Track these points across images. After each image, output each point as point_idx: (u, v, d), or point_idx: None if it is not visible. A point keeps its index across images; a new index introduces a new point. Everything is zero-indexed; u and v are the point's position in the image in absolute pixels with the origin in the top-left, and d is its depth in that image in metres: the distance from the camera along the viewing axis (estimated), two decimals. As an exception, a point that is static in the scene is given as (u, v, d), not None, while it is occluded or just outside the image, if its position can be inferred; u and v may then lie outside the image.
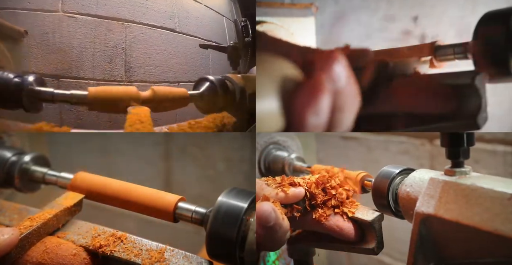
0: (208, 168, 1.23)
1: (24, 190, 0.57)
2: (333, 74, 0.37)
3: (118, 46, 1.22)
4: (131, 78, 1.24)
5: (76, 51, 1.13)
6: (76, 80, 1.12)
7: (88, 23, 1.17)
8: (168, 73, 1.37)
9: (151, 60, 1.31)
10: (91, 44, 1.16)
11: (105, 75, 1.18)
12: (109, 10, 1.21)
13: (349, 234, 0.53)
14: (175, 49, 1.41)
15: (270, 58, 0.41)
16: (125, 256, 0.44)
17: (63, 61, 1.11)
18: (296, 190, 0.51)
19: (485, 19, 0.50)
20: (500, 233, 0.39)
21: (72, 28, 1.13)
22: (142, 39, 1.29)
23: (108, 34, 1.20)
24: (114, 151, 1.34)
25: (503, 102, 1.06)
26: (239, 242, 0.42)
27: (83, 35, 1.15)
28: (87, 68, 1.15)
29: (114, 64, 1.21)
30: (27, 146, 0.68)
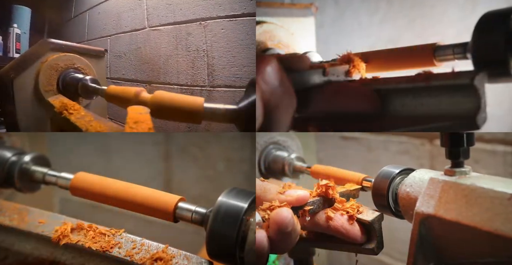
0: (208, 168, 1.23)
1: (24, 190, 0.57)
2: (266, 76, 0.42)
3: (199, 48, 1.14)
4: (215, 83, 1.11)
5: (163, 60, 1.21)
6: (163, 85, 1.21)
7: (170, 32, 1.22)
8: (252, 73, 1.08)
9: (235, 59, 1.08)
10: (175, 51, 1.20)
11: (188, 80, 1.17)
12: (185, 13, 1.18)
13: (355, 235, 0.53)
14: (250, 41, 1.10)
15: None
16: (125, 256, 0.44)
17: (153, 69, 1.23)
18: (302, 193, 0.52)
19: (485, 19, 0.50)
20: (500, 233, 0.39)
21: (158, 39, 1.24)
22: (223, 35, 1.09)
23: (188, 38, 1.18)
24: (114, 151, 1.34)
25: (503, 102, 1.06)
26: (239, 242, 0.42)
27: (167, 44, 1.21)
28: (173, 74, 1.20)
29: (197, 68, 1.15)
30: (27, 146, 0.68)
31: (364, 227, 0.56)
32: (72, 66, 1.06)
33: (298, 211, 0.52)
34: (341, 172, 0.68)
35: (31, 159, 0.56)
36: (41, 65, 1.00)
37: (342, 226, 0.53)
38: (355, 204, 0.56)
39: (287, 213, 0.46)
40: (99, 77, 1.07)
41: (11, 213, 0.51)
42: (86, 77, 1.00)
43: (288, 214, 0.46)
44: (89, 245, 0.45)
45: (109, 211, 0.65)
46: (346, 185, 0.61)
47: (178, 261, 0.43)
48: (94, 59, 1.12)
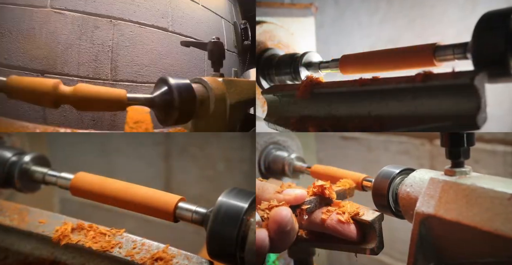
0: (208, 168, 1.23)
1: (24, 190, 0.57)
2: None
3: (105, 43, 1.19)
4: (117, 77, 1.20)
5: (62, 47, 1.11)
6: (60, 76, 1.10)
7: (76, 20, 1.15)
8: (158, 73, 1.32)
9: (139, 59, 1.27)
10: (77, 41, 1.14)
11: (89, 73, 1.15)
12: (97, 7, 1.19)
13: (351, 234, 0.54)
14: (167, 49, 1.36)
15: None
16: (125, 255, 0.44)
17: (48, 56, 1.09)
18: (300, 192, 0.53)
19: (484, 19, 0.50)
20: (500, 233, 0.39)
21: (59, 24, 1.12)
22: (131, 37, 1.25)
23: (95, 31, 1.17)
24: (114, 151, 1.34)
25: (503, 102, 1.06)
26: (239, 242, 0.42)
27: (69, 32, 1.13)
28: (72, 64, 1.13)
29: (100, 62, 1.17)
30: (27, 146, 0.68)
31: (363, 227, 0.56)
32: None
33: (296, 210, 0.52)
34: (341, 172, 0.68)
35: (31, 159, 0.56)
36: None
37: (338, 225, 0.54)
38: (350, 203, 0.57)
39: (286, 212, 0.47)
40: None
41: (11, 213, 0.51)
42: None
43: (287, 213, 0.47)
44: (89, 245, 0.45)
45: (110, 211, 0.65)
46: (341, 182, 0.62)
47: (178, 261, 0.43)
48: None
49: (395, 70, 0.66)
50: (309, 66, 0.81)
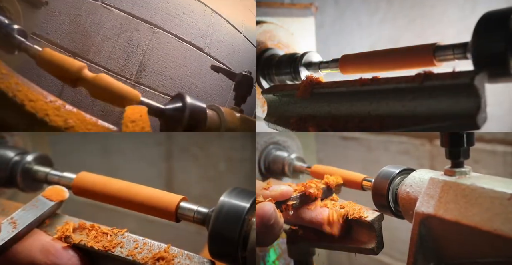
0: (209, 168, 1.23)
1: (27, 189, 0.57)
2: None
3: (140, 46, 1.25)
4: (140, 80, 1.25)
5: (100, 39, 1.19)
6: (89, 63, 1.18)
7: (120, 18, 1.22)
8: (179, 89, 1.35)
9: (167, 70, 1.31)
10: (115, 37, 1.21)
11: (116, 68, 1.21)
12: (143, 12, 1.25)
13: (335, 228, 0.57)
14: (196, 69, 1.39)
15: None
16: (127, 255, 0.44)
17: (85, 43, 1.18)
18: (285, 188, 0.55)
19: (485, 19, 0.50)
20: (500, 233, 0.39)
21: (104, 18, 1.20)
22: (166, 47, 1.30)
23: (135, 33, 1.24)
24: (116, 151, 1.35)
25: (503, 102, 1.06)
26: (241, 242, 0.42)
27: (111, 27, 1.20)
28: (104, 56, 1.20)
29: (129, 61, 1.23)
30: (29, 145, 0.68)
31: (364, 227, 0.56)
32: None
33: (282, 206, 0.55)
34: (341, 172, 0.68)
35: (33, 158, 0.56)
36: None
37: (322, 219, 0.57)
38: (351, 203, 0.59)
39: (269, 206, 0.50)
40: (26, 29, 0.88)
41: (13, 213, 0.51)
42: (12, 24, 0.75)
43: (270, 208, 0.49)
44: (91, 245, 0.45)
45: (111, 210, 0.65)
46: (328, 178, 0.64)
47: (180, 261, 0.43)
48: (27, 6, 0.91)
49: (395, 70, 0.66)
50: (309, 66, 0.81)
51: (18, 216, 0.47)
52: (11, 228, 0.45)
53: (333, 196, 0.64)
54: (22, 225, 0.45)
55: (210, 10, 1.47)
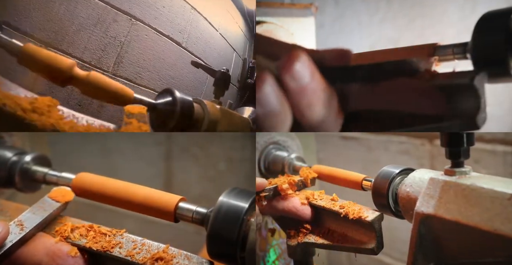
0: (209, 168, 1.23)
1: (25, 190, 0.57)
2: (294, 73, 0.38)
3: (117, 38, 1.20)
4: (118, 72, 1.21)
5: (74, 28, 1.10)
6: (63, 54, 1.08)
7: (98, 7, 1.16)
8: (156, 81, 1.34)
9: (145, 62, 1.29)
10: (92, 27, 1.14)
11: (93, 60, 1.14)
12: (123, 3, 1.21)
13: (305, 214, 0.64)
14: (173, 62, 1.39)
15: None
16: (126, 256, 0.44)
17: (57, 32, 1.08)
18: (260, 180, 0.61)
19: (484, 19, 0.50)
20: (500, 233, 0.39)
21: (81, 6, 1.12)
22: (144, 40, 1.28)
23: (112, 24, 1.19)
24: (115, 151, 1.35)
25: (503, 102, 1.06)
26: (240, 242, 0.42)
27: (87, 16, 1.13)
28: (79, 47, 1.12)
29: (106, 53, 1.18)
30: (28, 146, 0.68)
31: (363, 226, 0.56)
32: None
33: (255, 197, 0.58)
34: (341, 172, 0.68)
35: (32, 159, 0.56)
36: None
37: (294, 207, 0.63)
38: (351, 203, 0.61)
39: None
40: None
41: (12, 213, 0.51)
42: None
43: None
44: (89, 245, 0.45)
45: (110, 211, 0.65)
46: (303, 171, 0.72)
47: (178, 261, 0.43)
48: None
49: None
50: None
51: (25, 218, 0.46)
52: (18, 230, 0.44)
53: (334, 196, 0.64)
54: (29, 227, 0.45)
55: (189, 7, 1.47)
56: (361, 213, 0.57)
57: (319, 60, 0.44)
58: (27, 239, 0.45)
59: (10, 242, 0.43)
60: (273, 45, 0.49)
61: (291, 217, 0.65)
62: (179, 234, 1.11)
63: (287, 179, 0.68)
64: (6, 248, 0.42)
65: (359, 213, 0.57)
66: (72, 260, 0.44)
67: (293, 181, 0.67)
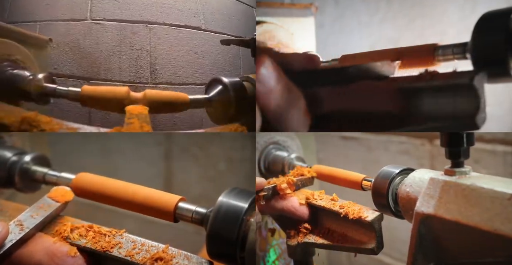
0: (208, 168, 1.23)
1: (25, 190, 0.57)
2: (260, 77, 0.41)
3: (143, 48, 1.25)
4: (156, 80, 1.25)
5: (104, 55, 1.20)
6: (104, 82, 1.19)
7: (114, 28, 1.23)
8: (195, 74, 1.35)
9: (176, 61, 1.31)
10: (118, 48, 1.22)
11: (131, 77, 1.22)
12: (133, 14, 1.25)
13: (303, 214, 0.64)
14: (202, 48, 1.39)
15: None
16: (125, 256, 0.44)
17: (92, 64, 1.19)
18: (258, 180, 0.62)
19: (484, 19, 0.50)
20: (500, 233, 0.39)
21: (100, 33, 1.21)
22: (167, 40, 1.30)
23: (133, 37, 1.24)
24: (115, 151, 1.34)
25: (503, 102, 1.06)
26: (239, 242, 0.42)
27: (110, 40, 1.21)
28: (115, 70, 1.21)
29: (140, 66, 1.24)
30: (27, 146, 0.68)
31: (363, 226, 0.56)
32: (8, 58, 0.76)
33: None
34: (341, 172, 0.68)
35: (31, 159, 0.56)
36: None
37: (292, 206, 0.64)
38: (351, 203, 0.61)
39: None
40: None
41: (12, 213, 0.51)
42: (37, 74, 0.73)
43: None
44: (89, 245, 0.45)
45: (110, 211, 0.65)
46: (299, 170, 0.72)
47: (178, 261, 0.43)
48: (34, 49, 0.89)
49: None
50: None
51: (24, 217, 0.46)
52: (18, 230, 0.44)
53: (334, 196, 0.64)
54: (29, 227, 0.45)
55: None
56: (361, 213, 0.57)
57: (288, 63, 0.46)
58: (27, 239, 0.45)
59: (10, 242, 0.43)
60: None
61: (289, 217, 0.65)
62: (178, 234, 1.11)
63: (285, 178, 0.68)
64: (5, 248, 0.42)
65: (359, 213, 0.57)
66: (71, 260, 0.44)
67: (292, 181, 0.67)
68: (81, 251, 0.45)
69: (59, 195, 0.50)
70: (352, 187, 0.65)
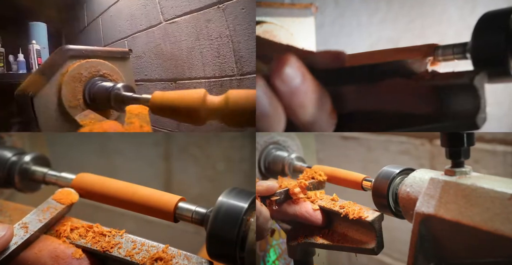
0: (208, 168, 1.23)
1: (25, 190, 0.57)
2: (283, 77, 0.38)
3: (222, 34, 1.03)
4: (243, 70, 1.00)
5: (185, 53, 1.13)
6: (189, 81, 1.13)
7: (187, 22, 1.11)
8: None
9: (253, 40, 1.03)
10: (197, 42, 1.10)
11: (215, 72, 1.06)
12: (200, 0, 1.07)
13: (317, 219, 0.61)
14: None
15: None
16: (125, 256, 0.44)
17: (177, 64, 1.15)
18: (270, 184, 0.58)
19: (484, 19, 0.50)
20: (500, 233, 0.39)
21: (177, 32, 1.15)
22: (245, 16, 0.97)
23: (209, 25, 1.05)
24: (114, 151, 1.34)
25: (503, 102, 1.06)
26: (239, 242, 0.42)
27: (187, 35, 1.12)
28: (198, 67, 1.11)
29: (223, 56, 1.04)
30: (27, 146, 0.68)
31: (363, 226, 0.56)
32: (97, 74, 0.90)
33: (266, 200, 0.57)
34: (341, 172, 0.68)
35: (31, 159, 0.56)
36: (61, 77, 0.85)
37: (306, 212, 0.61)
38: (351, 203, 0.60)
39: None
40: (127, 82, 0.94)
41: (11, 213, 0.51)
42: (117, 84, 0.83)
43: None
44: (88, 246, 0.45)
45: (110, 211, 0.65)
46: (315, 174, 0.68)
47: (178, 261, 0.43)
48: (118, 62, 0.99)
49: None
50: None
51: (29, 220, 0.46)
52: (23, 233, 0.44)
53: (334, 196, 0.64)
54: (33, 229, 0.45)
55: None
56: (361, 213, 0.57)
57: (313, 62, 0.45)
58: (32, 242, 0.45)
59: (14, 244, 0.43)
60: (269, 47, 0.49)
61: (301, 222, 0.63)
62: (178, 234, 1.11)
63: (298, 182, 0.65)
64: (10, 251, 0.42)
65: (359, 213, 0.57)
66: (76, 262, 0.44)
67: (305, 185, 0.64)
68: (87, 253, 0.45)
69: (64, 197, 0.50)
70: (352, 187, 0.65)
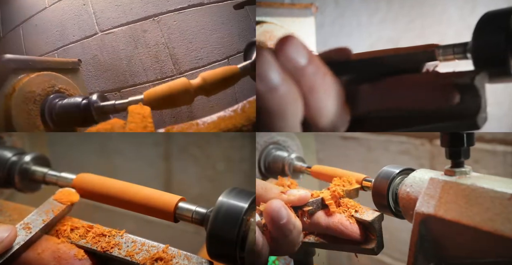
0: (208, 168, 1.23)
1: (25, 190, 0.57)
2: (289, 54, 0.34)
3: (158, 42, 1.24)
4: (181, 69, 1.25)
5: (125, 62, 1.22)
6: (134, 88, 1.21)
7: (126, 32, 1.23)
8: (214, 51, 1.32)
9: (192, 44, 1.29)
10: (135, 50, 1.23)
11: (157, 75, 1.22)
12: (136, 13, 1.25)
13: (354, 234, 0.54)
14: (212, 23, 1.34)
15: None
16: (125, 256, 0.44)
17: (117, 74, 1.21)
18: (303, 193, 0.52)
19: (485, 19, 0.50)
20: (500, 233, 0.39)
21: (114, 42, 1.23)
22: (177, 26, 1.28)
23: (145, 35, 1.24)
24: (114, 151, 1.34)
25: (503, 102, 1.06)
26: (239, 242, 0.42)
27: (125, 45, 1.23)
28: (140, 73, 1.23)
29: (161, 61, 1.24)
30: (27, 146, 0.68)
31: (364, 227, 0.56)
32: (52, 90, 0.74)
33: (298, 211, 0.52)
34: (341, 172, 0.68)
35: (31, 159, 0.56)
36: (7, 100, 0.64)
37: (341, 224, 0.54)
38: (353, 204, 0.57)
39: (276, 203, 0.45)
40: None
41: (11, 213, 0.51)
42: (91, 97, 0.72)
43: (278, 204, 0.45)
44: (88, 246, 0.45)
45: (110, 211, 0.65)
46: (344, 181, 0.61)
47: (178, 261, 0.43)
48: (71, 73, 0.87)
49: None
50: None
51: (31, 220, 0.46)
52: (25, 233, 0.44)
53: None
54: (35, 229, 0.45)
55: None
56: (361, 212, 0.57)
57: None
58: (33, 242, 0.45)
59: (17, 244, 0.43)
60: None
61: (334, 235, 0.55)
62: (178, 234, 1.11)
63: (331, 191, 0.57)
64: (13, 251, 0.42)
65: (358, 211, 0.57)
66: (78, 262, 0.44)
67: (338, 194, 0.57)
68: (89, 253, 0.45)
69: (65, 197, 0.50)
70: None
